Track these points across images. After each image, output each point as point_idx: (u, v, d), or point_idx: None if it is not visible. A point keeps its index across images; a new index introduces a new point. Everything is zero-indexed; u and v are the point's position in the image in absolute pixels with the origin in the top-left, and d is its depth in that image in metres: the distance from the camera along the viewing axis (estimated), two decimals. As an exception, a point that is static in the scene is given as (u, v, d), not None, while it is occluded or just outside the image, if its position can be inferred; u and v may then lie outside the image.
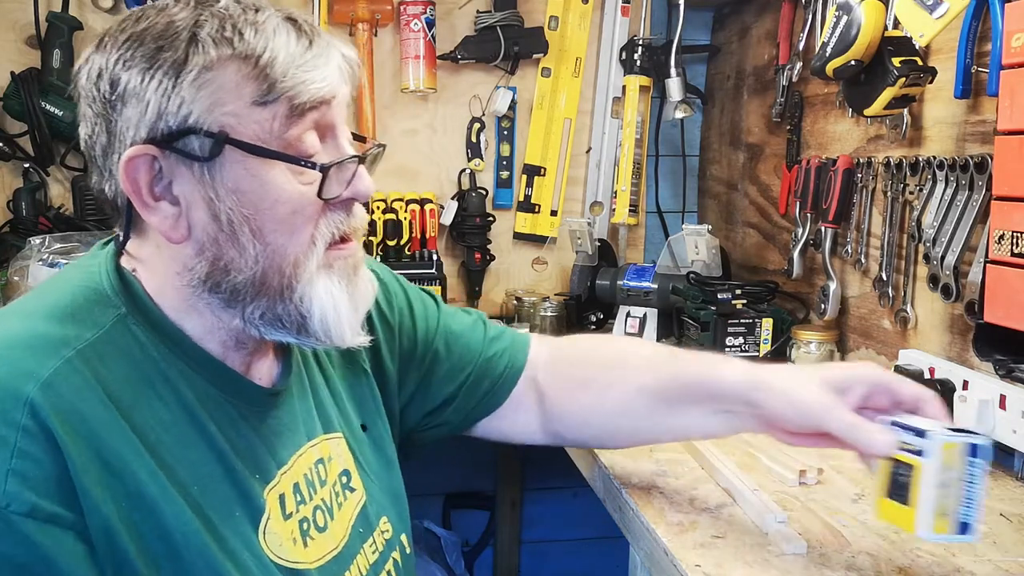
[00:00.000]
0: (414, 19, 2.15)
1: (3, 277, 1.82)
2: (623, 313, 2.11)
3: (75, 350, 0.71)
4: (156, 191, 0.76)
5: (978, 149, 1.32)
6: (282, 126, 0.75)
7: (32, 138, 2.01)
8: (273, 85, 0.74)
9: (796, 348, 1.69)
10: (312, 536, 0.84)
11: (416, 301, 1.11)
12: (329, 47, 0.80)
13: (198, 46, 0.74)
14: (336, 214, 0.81)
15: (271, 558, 0.79)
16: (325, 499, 0.88)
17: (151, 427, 0.73)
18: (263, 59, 0.74)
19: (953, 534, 0.86)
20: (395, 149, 2.28)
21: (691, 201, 2.51)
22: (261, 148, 0.75)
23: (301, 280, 0.78)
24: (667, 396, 1.06)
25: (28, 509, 0.64)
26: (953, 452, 0.85)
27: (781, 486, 1.22)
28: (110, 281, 0.78)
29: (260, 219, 0.76)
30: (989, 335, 1.19)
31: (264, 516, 0.80)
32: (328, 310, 0.79)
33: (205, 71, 0.74)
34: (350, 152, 0.81)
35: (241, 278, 0.77)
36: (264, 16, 0.77)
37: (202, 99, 0.74)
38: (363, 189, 0.81)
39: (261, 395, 0.85)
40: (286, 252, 0.77)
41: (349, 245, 0.83)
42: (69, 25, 2.02)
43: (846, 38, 1.38)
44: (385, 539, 0.96)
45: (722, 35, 2.38)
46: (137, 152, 0.74)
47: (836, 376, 0.96)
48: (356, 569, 0.89)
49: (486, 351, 1.11)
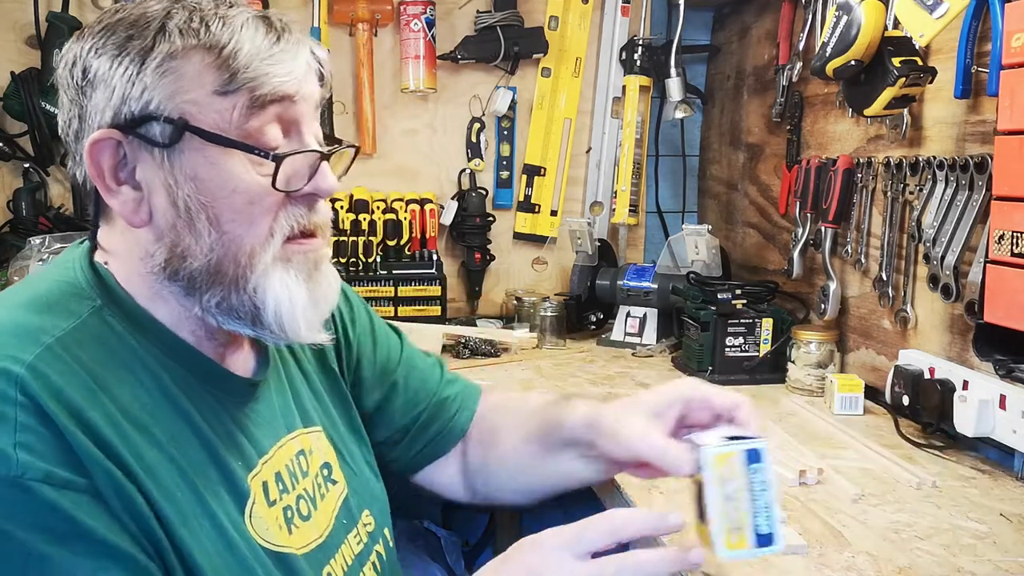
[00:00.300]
0: (414, 19, 2.15)
1: (3, 277, 1.82)
2: (623, 313, 2.11)
3: (54, 337, 0.72)
4: (121, 176, 0.78)
5: (978, 149, 1.32)
6: (242, 116, 0.76)
7: (32, 138, 2.01)
8: (235, 75, 0.76)
9: (796, 348, 1.68)
10: (296, 524, 0.86)
11: (380, 328, 1.13)
12: (298, 44, 0.80)
13: (165, 35, 0.76)
14: (297, 208, 0.80)
15: (258, 541, 0.80)
16: (308, 489, 0.90)
17: (137, 408, 0.74)
18: (226, 50, 0.76)
19: (752, 548, 0.80)
20: (395, 149, 2.28)
21: (691, 201, 2.51)
22: (219, 136, 0.76)
23: (255, 271, 0.79)
24: (546, 442, 1.06)
25: (43, 475, 0.65)
26: (727, 462, 0.80)
27: (781, 486, 1.22)
28: (84, 275, 0.80)
29: (217, 207, 0.77)
30: (989, 335, 1.19)
31: (250, 500, 0.81)
32: (283, 303, 0.79)
33: (169, 59, 0.76)
34: (313, 147, 0.81)
35: (196, 265, 0.78)
36: (235, 12, 0.79)
37: (164, 86, 0.76)
38: (324, 185, 0.81)
39: (239, 385, 0.86)
40: (242, 242, 0.78)
41: (311, 240, 0.82)
42: (69, 25, 2.02)
43: (846, 38, 1.38)
44: (368, 531, 0.97)
45: (722, 35, 2.37)
46: (101, 136, 0.77)
47: (651, 401, 0.96)
48: (341, 558, 0.90)
49: (440, 392, 1.13)
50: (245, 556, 0.77)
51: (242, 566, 0.77)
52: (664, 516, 0.79)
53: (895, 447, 1.36)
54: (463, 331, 2.01)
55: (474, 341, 1.97)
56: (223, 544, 0.76)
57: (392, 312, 2.07)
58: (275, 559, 0.81)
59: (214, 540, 0.75)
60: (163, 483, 0.73)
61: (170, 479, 0.74)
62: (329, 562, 0.88)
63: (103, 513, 0.68)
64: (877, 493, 1.19)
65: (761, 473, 0.79)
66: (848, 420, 1.49)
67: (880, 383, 1.51)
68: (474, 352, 1.95)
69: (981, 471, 1.27)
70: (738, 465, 0.80)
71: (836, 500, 1.17)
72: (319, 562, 0.86)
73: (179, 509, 0.74)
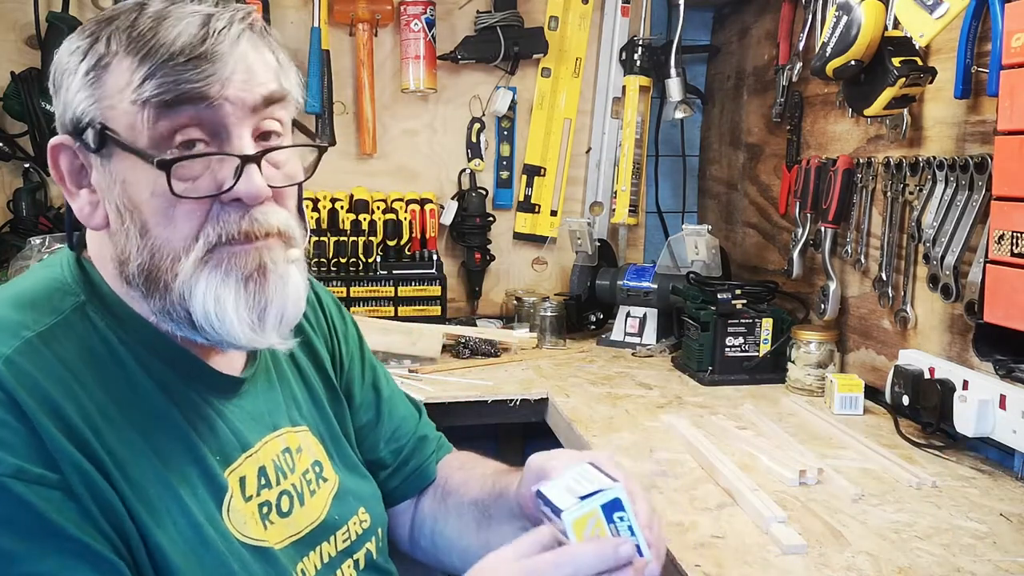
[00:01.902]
0: (414, 19, 2.15)
1: (3, 277, 1.82)
2: (623, 313, 2.11)
3: (34, 332, 0.73)
4: (82, 180, 0.79)
5: (978, 149, 1.32)
6: (151, 120, 0.75)
7: (32, 138, 2.01)
8: (146, 80, 0.74)
9: (796, 348, 1.69)
10: (272, 520, 0.86)
11: (368, 353, 1.13)
12: (233, 47, 0.77)
13: (100, 41, 0.76)
14: (228, 213, 0.77)
15: (235, 535, 0.80)
16: (296, 484, 0.90)
17: (112, 405, 0.75)
18: (142, 54, 0.75)
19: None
20: (395, 149, 2.28)
21: (691, 201, 2.51)
22: (124, 142, 0.75)
23: (180, 274, 0.77)
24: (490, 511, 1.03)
25: (14, 471, 0.66)
26: (588, 522, 0.75)
27: (781, 486, 1.22)
28: (71, 271, 0.81)
29: (144, 212, 0.76)
30: (989, 335, 1.19)
31: (227, 495, 0.82)
32: (210, 307, 0.77)
33: (98, 66, 0.76)
34: (238, 152, 0.77)
35: (133, 269, 0.78)
36: (178, 10, 0.77)
37: (92, 93, 0.76)
38: (244, 189, 0.76)
39: (222, 381, 0.86)
40: (167, 246, 0.77)
41: (247, 244, 0.78)
42: (69, 25, 2.02)
43: (846, 38, 1.38)
44: (363, 528, 0.97)
45: (722, 35, 2.37)
46: (57, 141, 0.78)
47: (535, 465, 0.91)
48: (316, 555, 0.90)
49: (420, 430, 1.13)
50: (220, 551, 0.78)
51: (216, 561, 0.77)
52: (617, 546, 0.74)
53: (895, 447, 1.36)
54: (463, 331, 2.01)
55: (474, 341, 1.97)
56: (197, 539, 0.76)
57: (392, 312, 2.07)
58: (253, 552, 0.81)
59: (187, 535, 0.76)
60: (137, 479, 0.73)
61: (144, 475, 0.74)
62: (302, 559, 0.88)
63: (74, 510, 0.68)
64: (877, 493, 1.19)
65: (625, 520, 0.76)
66: (848, 420, 1.49)
67: (880, 383, 1.51)
68: (474, 352, 1.95)
69: (981, 471, 1.27)
70: (599, 521, 0.76)
71: (836, 500, 1.17)
72: (292, 558, 0.86)
73: (152, 505, 0.74)
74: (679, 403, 1.63)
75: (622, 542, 0.73)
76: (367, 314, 2.03)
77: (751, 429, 1.45)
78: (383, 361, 1.87)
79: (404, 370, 1.83)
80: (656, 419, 1.52)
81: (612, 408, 1.59)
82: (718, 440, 1.38)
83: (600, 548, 0.72)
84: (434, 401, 1.66)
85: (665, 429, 1.47)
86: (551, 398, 1.68)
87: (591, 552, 0.72)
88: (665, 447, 1.38)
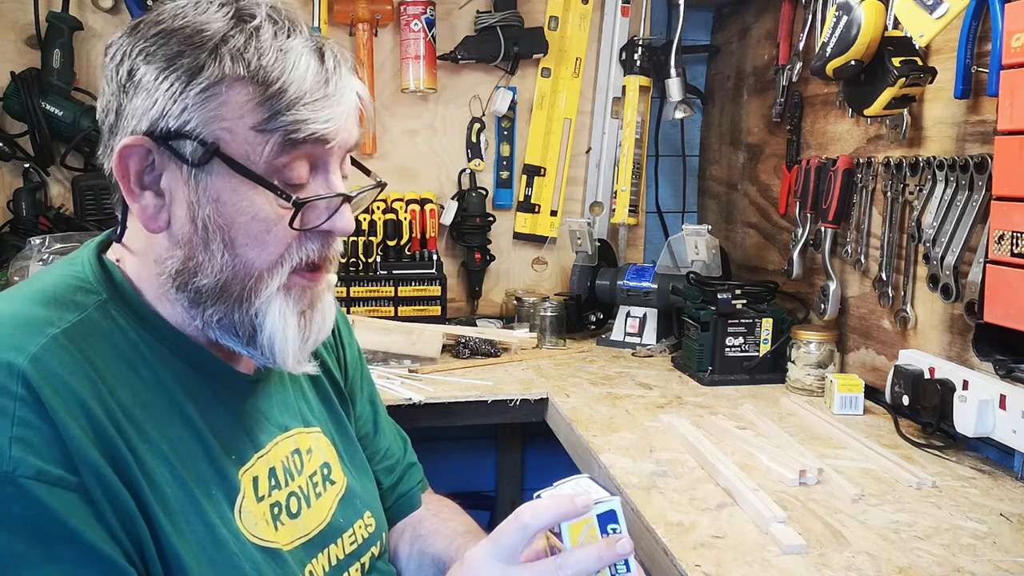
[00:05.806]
0: (414, 19, 2.15)
1: (3, 277, 1.82)
2: (623, 313, 2.11)
3: (59, 329, 0.73)
4: (145, 180, 0.79)
5: (978, 149, 1.32)
6: (273, 153, 0.77)
7: (32, 138, 2.01)
8: (275, 116, 0.76)
9: (796, 348, 1.69)
10: (283, 521, 0.87)
11: (366, 372, 1.14)
12: (346, 88, 0.81)
13: (216, 59, 0.76)
14: (311, 242, 0.82)
15: (247, 536, 0.81)
16: (303, 487, 0.90)
17: (133, 403, 0.75)
18: (272, 88, 0.76)
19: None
20: (395, 149, 2.28)
21: (691, 201, 2.51)
22: (246, 169, 0.77)
23: (260, 296, 0.81)
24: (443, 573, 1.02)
25: (35, 472, 0.66)
26: (583, 529, 0.77)
27: (781, 486, 1.22)
28: (92, 270, 0.81)
29: (234, 231, 0.78)
30: (989, 335, 1.19)
31: (240, 496, 0.82)
32: (277, 330, 0.81)
33: (215, 84, 0.76)
34: (338, 190, 0.82)
35: (206, 282, 0.79)
36: (293, 42, 0.78)
37: (205, 110, 0.76)
38: (341, 226, 0.83)
39: (240, 380, 0.87)
40: (252, 266, 0.80)
41: (317, 275, 0.84)
42: (69, 25, 2.02)
43: (846, 38, 1.38)
44: (369, 532, 0.98)
45: (722, 35, 2.38)
46: (134, 142, 0.77)
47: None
48: (325, 557, 0.91)
49: (408, 458, 1.15)
50: (232, 552, 0.78)
51: (229, 562, 0.77)
52: (572, 499, 0.77)
53: (895, 447, 1.36)
54: (463, 331, 2.01)
55: (474, 341, 1.97)
56: (210, 540, 0.77)
57: (392, 312, 2.07)
58: (264, 554, 0.82)
59: (200, 536, 0.76)
60: (154, 478, 0.74)
61: (161, 474, 0.75)
62: (311, 561, 0.88)
63: (90, 514, 0.68)
64: (877, 493, 1.19)
65: (618, 532, 0.78)
66: (848, 420, 1.49)
67: (880, 383, 1.51)
68: (474, 352, 1.95)
69: (981, 471, 1.27)
70: (595, 528, 0.78)
71: (836, 500, 1.17)
72: (301, 560, 0.87)
73: (168, 505, 0.74)
74: (679, 403, 1.63)
75: (619, 538, 0.76)
76: (367, 314, 2.03)
77: (751, 429, 1.45)
78: (383, 361, 1.88)
79: (404, 370, 1.83)
80: (656, 419, 1.52)
81: (612, 408, 1.59)
82: (718, 440, 1.38)
83: (600, 549, 0.75)
84: (434, 401, 1.66)
85: (665, 429, 1.47)
86: (551, 398, 1.68)
87: (592, 553, 0.75)
88: (665, 447, 1.38)
